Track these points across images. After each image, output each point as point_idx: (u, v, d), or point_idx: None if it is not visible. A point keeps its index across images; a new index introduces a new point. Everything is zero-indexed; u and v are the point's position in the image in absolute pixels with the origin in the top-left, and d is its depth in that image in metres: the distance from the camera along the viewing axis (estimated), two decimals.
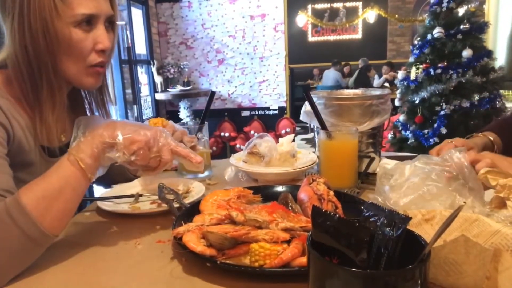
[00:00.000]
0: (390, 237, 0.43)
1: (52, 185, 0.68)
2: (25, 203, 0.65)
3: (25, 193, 0.66)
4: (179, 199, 0.92)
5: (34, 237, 0.65)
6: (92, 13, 0.81)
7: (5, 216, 0.64)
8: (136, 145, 0.72)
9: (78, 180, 0.71)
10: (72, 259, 0.72)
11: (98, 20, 0.83)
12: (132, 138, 0.72)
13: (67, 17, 0.78)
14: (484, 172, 0.72)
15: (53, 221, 0.67)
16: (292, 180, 1.11)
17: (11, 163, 0.77)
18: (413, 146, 3.67)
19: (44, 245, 0.68)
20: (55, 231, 0.69)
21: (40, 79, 0.81)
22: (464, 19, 3.48)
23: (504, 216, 0.64)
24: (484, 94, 3.43)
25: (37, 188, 0.68)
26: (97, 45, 0.84)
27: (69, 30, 0.79)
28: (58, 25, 0.78)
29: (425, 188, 0.73)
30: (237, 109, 5.21)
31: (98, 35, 0.83)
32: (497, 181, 0.69)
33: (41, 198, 0.67)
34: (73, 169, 0.70)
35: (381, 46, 9.40)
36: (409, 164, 0.81)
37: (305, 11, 7.79)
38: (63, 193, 0.69)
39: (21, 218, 0.64)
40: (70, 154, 0.71)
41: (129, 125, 0.74)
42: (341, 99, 1.16)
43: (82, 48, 0.82)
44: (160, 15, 5.05)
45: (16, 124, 0.80)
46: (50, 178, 0.69)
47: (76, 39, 0.80)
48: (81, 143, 0.72)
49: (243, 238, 0.65)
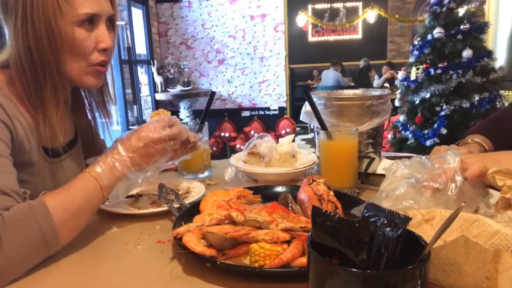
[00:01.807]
0: (390, 237, 0.43)
1: (78, 202, 0.73)
2: (51, 209, 0.68)
3: (51, 200, 0.69)
4: (179, 199, 0.92)
5: (49, 242, 0.67)
6: (94, 13, 0.82)
7: (30, 218, 0.66)
8: None
9: (99, 201, 0.77)
10: (72, 259, 0.72)
11: (99, 19, 0.84)
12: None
13: (70, 16, 0.79)
14: (492, 172, 0.70)
15: (69, 233, 0.72)
16: (292, 181, 1.11)
17: (13, 163, 0.77)
18: (413, 147, 3.67)
19: (51, 252, 0.69)
20: (65, 242, 0.72)
21: (44, 79, 0.81)
22: (464, 19, 3.47)
23: (508, 217, 0.63)
24: (484, 95, 3.43)
25: (63, 199, 0.71)
26: (100, 44, 0.85)
27: (72, 30, 0.80)
28: (61, 24, 0.79)
29: (409, 201, 0.72)
30: (237, 109, 5.20)
31: (100, 34, 0.84)
32: (504, 181, 0.68)
33: (67, 210, 0.70)
34: (97, 191, 0.75)
35: (381, 46, 9.40)
36: (400, 168, 0.79)
37: (305, 11, 7.79)
38: (85, 211, 0.74)
39: (45, 222, 0.67)
40: (93, 177, 0.75)
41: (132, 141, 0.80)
42: (341, 99, 1.16)
43: (85, 47, 0.83)
44: (160, 15, 5.05)
45: (18, 124, 0.80)
46: (76, 193, 0.73)
47: (79, 38, 0.81)
48: (101, 166, 0.77)
49: (243, 238, 0.65)
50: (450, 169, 0.73)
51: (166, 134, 0.81)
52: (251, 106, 5.18)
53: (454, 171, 0.73)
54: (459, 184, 0.72)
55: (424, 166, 0.78)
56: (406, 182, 0.75)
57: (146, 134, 0.80)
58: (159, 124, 0.82)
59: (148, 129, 0.81)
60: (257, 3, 4.90)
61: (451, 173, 0.73)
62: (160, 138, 0.80)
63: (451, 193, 0.71)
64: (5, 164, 0.73)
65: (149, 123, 0.82)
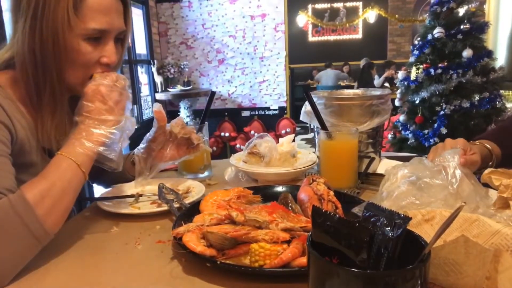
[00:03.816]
0: (390, 237, 0.43)
1: (58, 187, 0.71)
2: (31, 201, 0.66)
3: (29, 190, 0.68)
4: (179, 199, 0.92)
5: (37, 234, 0.66)
6: (103, 29, 0.81)
7: (11, 213, 0.65)
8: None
9: (80, 180, 0.74)
10: (73, 259, 0.72)
11: (108, 35, 0.83)
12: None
13: (78, 29, 0.79)
14: (488, 172, 0.71)
15: (56, 220, 0.70)
16: (292, 180, 1.11)
17: (13, 164, 0.77)
18: (413, 146, 3.67)
19: (43, 243, 0.68)
20: (55, 230, 0.70)
21: (44, 84, 0.81)
22: (465, 19, 3.48)
23: (507, 216, 0.64)
24: (484, 94, 3.43)
25: (41, 187, 0.69)
26: (103, 58, 0.84)
27: (78, 42, 0.80)
28: (68, 36, 0.78)
29: (411, 197, 0.72)
30: (237, 109, 5.20)
31: (106, 50, 0.84)
32: (500, 181, 0.69)
33: (46, 197, 0.68)
34: (74, 170, 0.73)
35: (381, 46, 9.40)
36: (401, 169, 0.80)
37: (305, 11, 7.79)
38: (67, 194, 0.73)
39: (27, 216, 0.65)
40: (66, 157, 0.74)
41: None
42: (341, 99, 1.16)
43: (88, 60, 0.83)
44: (160, 15, 5.05)
45: (19, 125, 0.80)
46: (54, 178, 0.71)
47: (84, 52, 0.81)
48: (75, 145, 0.75)
49: (243, 238, 0.65)
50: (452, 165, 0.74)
51: (108, 82, 0.81)
52: (251, 106, 5.18)
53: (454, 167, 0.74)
54: (458, 179, 0.72)
55: (425, 166, 0.78)
56: (407, 181, 0.76)
57: (88, 93, 0.80)
58: (99, 80, 0.82)
59: (89, 89, 0.80)
60: (257, 3, 4.89)
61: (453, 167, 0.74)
62: (102, 86, 0.80)
63: (451, 188, 0.72)
64: (2, 162, 0.73)
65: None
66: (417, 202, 0.71)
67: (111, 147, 0.79)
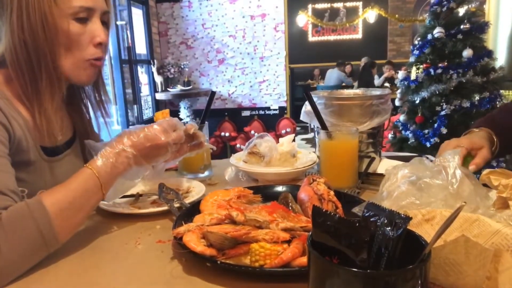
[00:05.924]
0: (390, 237, 0.43)
1: (77, 200, 0.72)
2: (49, 210, 0.67)
3: (48, 198, 0.69)
4: (179, 199, 0.92)
5: (49, 243, 0.67)
6: (89, 6, 0.84)
7: (28, 217, 0.65)
8: None
9: (98, 199, 0.76)
10: (73, 259, 0.72)
11: (94, 14, 0.86)
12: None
13: (65, 8, 0.81)
14: (486, 173, 0.71)
15: (68, 231, 0.71)
16: (292, 180, 1.11)
17: (11, 162, 0.77)
18: (413, 146, 3.67)
19: (50, 250, 0.69)
20: (64, 240, 0.71)
21: (39, 71, 0.82)
22: (465, 19, 3.47)
23: (507, 215, 0.64)
24: (485, 94, 3.43)
25: (61, 197, 0.70)
26: (95, 38, 0.86)
27: (67, 23, 0.82)
28: (56, 17, 0.80)
29: (412, 197, 0.73)
30: (237, 109, 5.21)
31: (94, 29, 0.86)
32: (499, 181, 0.69)
33: (65, 209, 0.70)
34: (97, 190, 0.74)
35: (381, 46, 9.39)
36: (401, 169, 0.80)
37: (305, 11, 7.79)
38: (84, 209, 0.74)
39: (43, 223, 0.66)
40: (94, 174, 0.74)
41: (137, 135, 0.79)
42: (341, 99, 1.16)
43: (79, 41, 0.84)
44: (161, 15, 5.06)
45: (16, 123, 0.80)
46: (75, 191, 0.72)
47: (74, 32, 0.83)
48: (107, 165, 0.75)
49: (243, 238, 0.65)
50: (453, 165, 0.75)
51: (173, 139, 0.81)
52: (251, 106, 5.18)
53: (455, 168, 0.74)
54: (459, 180, 0.72)
55: (425, 166, 0.78)
56: (407, 181, 0.76)
57: (155, 136, 0.79)
58: (169, 127, 0.81)
59: (158, 131, 0.80)
60: (257, 3, 4.90)
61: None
62: (168, 142, 0.80)
63: (452, 188, 0.72)
64: (3, 164, 0.73)
65: (159, 124, 0.81)
66: (417, 202, 0.71)
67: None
